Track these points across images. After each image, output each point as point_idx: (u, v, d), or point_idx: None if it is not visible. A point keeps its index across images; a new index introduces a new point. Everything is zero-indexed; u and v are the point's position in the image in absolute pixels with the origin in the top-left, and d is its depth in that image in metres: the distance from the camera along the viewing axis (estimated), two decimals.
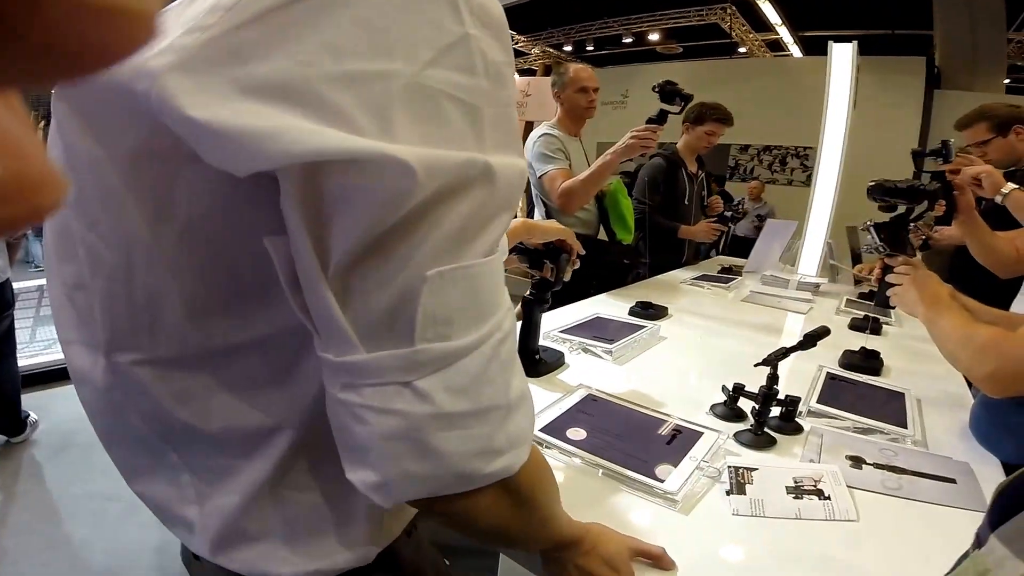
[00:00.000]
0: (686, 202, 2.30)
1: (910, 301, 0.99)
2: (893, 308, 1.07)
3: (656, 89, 1.60)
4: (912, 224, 1.13)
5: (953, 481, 0.79)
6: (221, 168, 0.28)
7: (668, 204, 2.27)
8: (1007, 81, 5.72)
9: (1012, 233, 1.55)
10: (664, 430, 0.89)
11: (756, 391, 0.92)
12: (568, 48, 9.54)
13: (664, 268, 2.29)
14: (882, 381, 1.15)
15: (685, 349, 1.35)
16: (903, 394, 1.07)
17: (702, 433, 0.88)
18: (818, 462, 0.84)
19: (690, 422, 0.91)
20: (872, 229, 1.09)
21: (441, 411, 0.32)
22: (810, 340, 0.90)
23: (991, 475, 0.81)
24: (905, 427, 0.93)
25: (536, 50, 9.74)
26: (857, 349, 1.28)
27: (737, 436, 0.90)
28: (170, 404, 0.38)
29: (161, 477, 0.42)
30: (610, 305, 1.66)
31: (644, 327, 1.39)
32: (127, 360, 0.38)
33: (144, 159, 0.32)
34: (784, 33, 7.13)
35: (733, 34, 7.56)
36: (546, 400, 0.98)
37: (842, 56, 2.23)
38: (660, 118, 1.60)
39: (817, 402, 1.01)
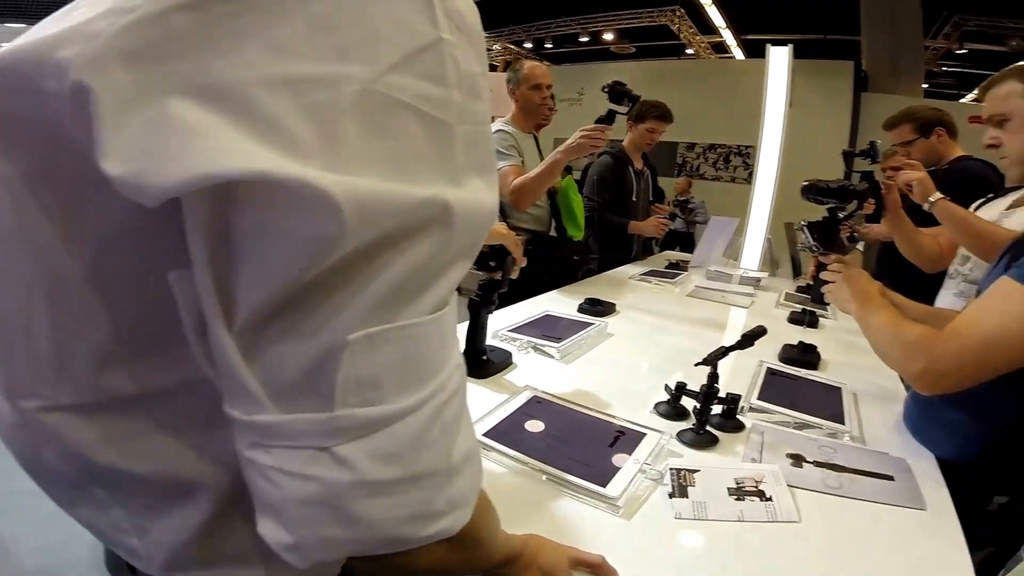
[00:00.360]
0: (634, 198, 2.30)
1: (842, 298, 0.99)
2: (828, 304, 1.07)
3: (605, 89, 1.60)
4: (845, 221, 1.14)
5: (891, 479, 0.78)
6: (128, 196, 0.23)
7: (616, 201, 2.27)
8: (925, 86, 6.07)
9: (936, 229, 1.60)
10: (607, 432, 0.85)
11: (698, 389, 0.89)
12: (528, 45, 9.49)
13: (614, 264, 2.28)
14: (820, 375, 1.16)
15: (631, 346, 1.33)
16: (840, 388, 1.07)
17: (645, 434, 0.85)
18: (760, 461, 0.81)
19: (633, 423, 0.88)
20: (805, 229, 1.09)
21: (365, 479, 0.27)
22: (747, 340, 0.88)
23: (926, 471, 0.81)
24: (842, 423, 0.93)
25: (497, 46, 9.64)
26: (796, 343, 1.28)
27: (680, 435, 0.87)
28: (88, 447, 0.33)
29: (90, 509, 0.37)
30: (560, 302, 1.62)
31: (592, 324, 1.36)
32: (31, 406, 0.32)
33: (51, 173, 0.27)
34: (728, 36, 7.32)
35: (681, 36, 7.70)
36: (493, 402, 0.93)
37: (779, 58, 2.27)
38: (608, 118, 1.59)
39: (758, 399, 1.00)
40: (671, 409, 0.95)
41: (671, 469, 0.76)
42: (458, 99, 0.27)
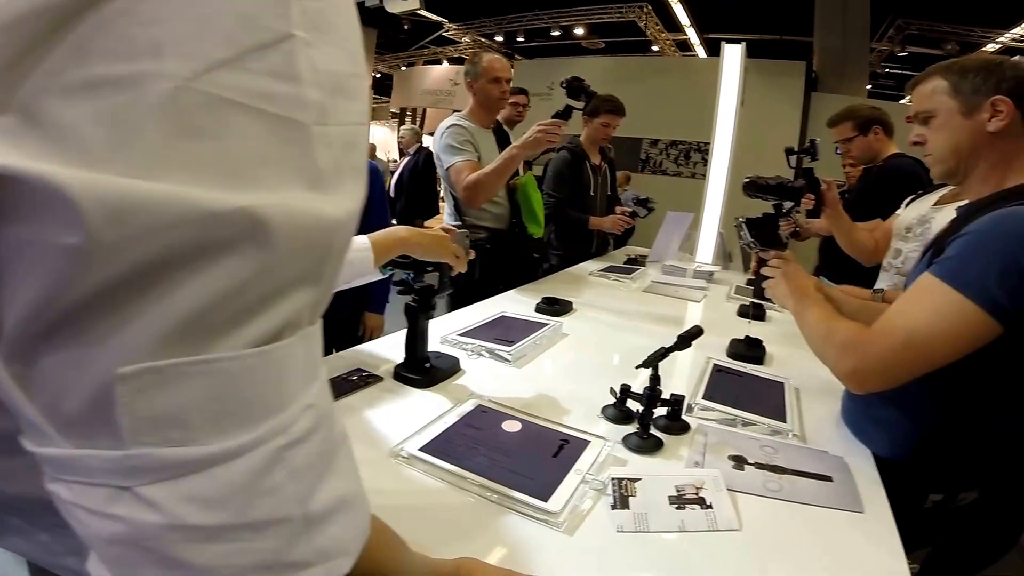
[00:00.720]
0: (592, 193, 2.27)
1: (781, 294, 0.98)
2: (770, 301, 1.06)
3: (563, 85, 1.60)
4: (785, 217, 1.12)
5: (830, 479, 0.76)
6: None
7: (575, 196, 2.23)
8: (869, 87, 6.24)
9: (872, 224, 1.63)
10: (552, 441, 0.81)
11: (642, 391, 0.86)
12: (499, 38, 9.33)
13: (575, 259, 2.25)
14: (764, 371, 1.15)
15: (586, 346, 1.29)
16: (783, 384, 1.06)
17: (589, 442, 0.81)
18: (702, 464, 0.79)
19: (578, 430, 0.84)
20: (744, 225, 1.07)
21: (184, 523, 0.24)
22: (684, 341, 0.85)
23: (863, 469, 0.80)
24: (784, 420, 0.91)
25: (467, 39, 9.45)
26: (743, 337, 1.27)
27: (626, 441, 0.85)
28: None
29: (14, 538, 0.36)
30: (517, 302, 1.57)
31: (547, 325, 1.32)
32: None
33: None
34: (692, 34, 7.36)
35: (648, 32, 7.70)
36: (434, 413, 0.88)
37: (732, 56, 2.27)
38: (565, 113, 1.58)
39: (703, 397, 0.97)
40: (618, 413, 0.92)
41: (612, 479, 0.73)
42: (316, 98, 0.24)
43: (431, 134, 2.82)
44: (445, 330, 1.26)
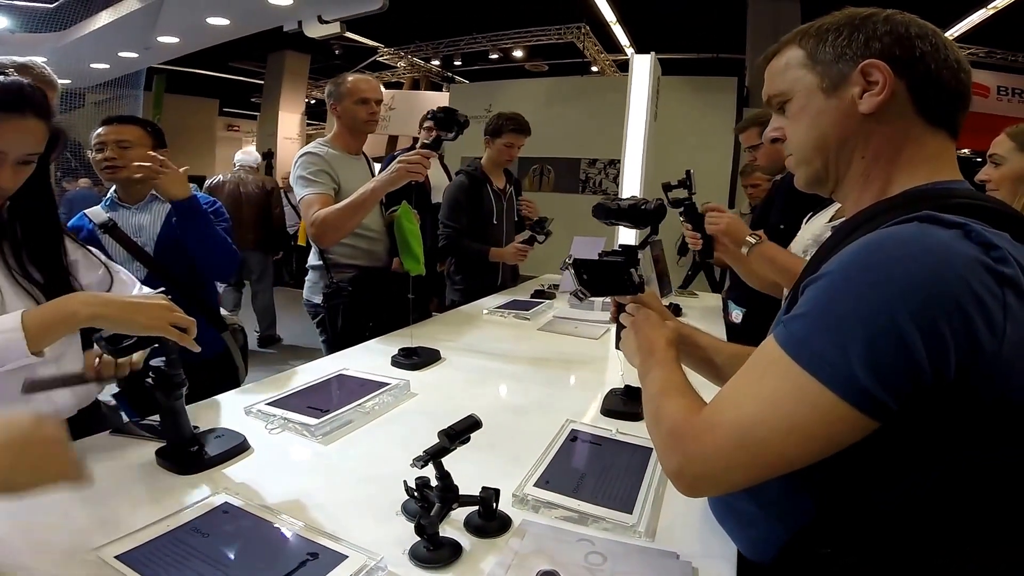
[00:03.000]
0: (495, 221, 2.12)
1: (629, 351, 0.79)
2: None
3: (429, 116, 1.50)
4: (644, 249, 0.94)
5: None
6: None
7: (476, 225, 2.08)
8: None
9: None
10: (295, 554, 0.63)
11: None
12: (436, 62, 9.41)
13: (480, 293, 2.08)
14: (637, 431, 0.96)
15: (432, 410, 1.09)
16: (650, 451, 0.88)
17: (346, 556, 0.62)
18: None
19: (336, 539, 0.65)
20: (571, 268, 0.88)
21: None
22: (453, 439, 0.66)
23: None
24: (631, 511, 0.72)
25: (403, 63, 9.49)
26: (622, 388, 1.10)
27: (413, 551, 0.65)
28: None
29: None
30: (375, 354, 1.37)
31: (388, 385, 1.12)
32: None
33: None
34: (631, 54, 7.56)
35: (587, 53, 7.88)
36: (168, 509, 0.70)
37: (642, 66, 2.20)
38: (434, 144, 1.47)
39: (536, 483, 0.78)
40: (421, 510, 0.72)
41: None
42: None
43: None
44: (257, 398, 1.05)
